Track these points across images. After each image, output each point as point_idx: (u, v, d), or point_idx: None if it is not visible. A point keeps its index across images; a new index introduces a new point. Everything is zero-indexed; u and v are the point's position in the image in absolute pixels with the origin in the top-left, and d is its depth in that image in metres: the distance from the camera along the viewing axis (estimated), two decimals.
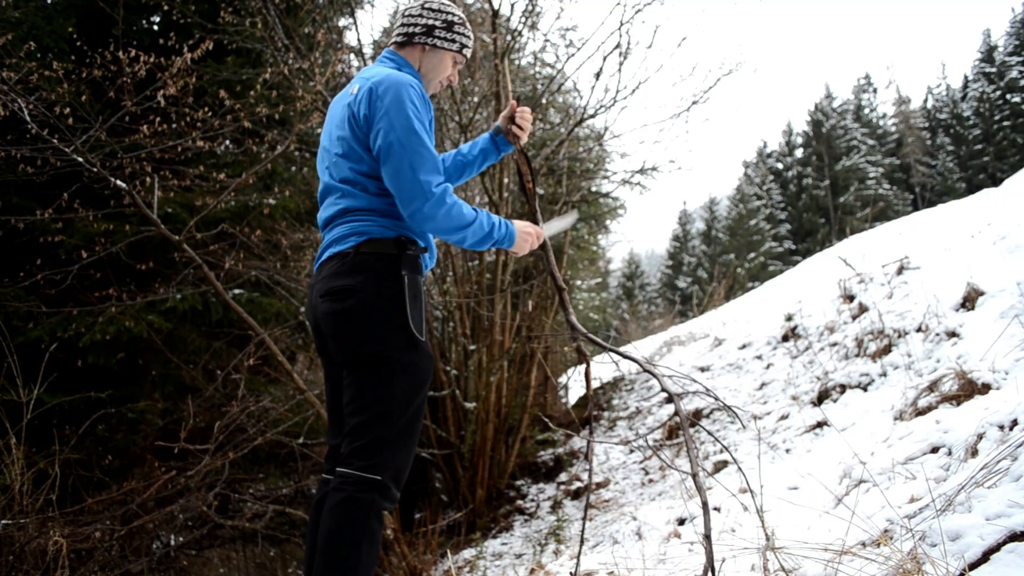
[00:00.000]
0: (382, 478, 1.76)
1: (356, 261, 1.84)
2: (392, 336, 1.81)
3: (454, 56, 2.07)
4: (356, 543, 1.71)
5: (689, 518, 3.53)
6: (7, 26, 5.09)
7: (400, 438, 1.81)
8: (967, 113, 38.46)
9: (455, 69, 2.10)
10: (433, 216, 1.80)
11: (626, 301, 34.19)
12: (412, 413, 1.84)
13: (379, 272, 1.83)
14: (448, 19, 2.03)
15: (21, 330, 5.06)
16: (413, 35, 2.02)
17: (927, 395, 3.50)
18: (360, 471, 1.75)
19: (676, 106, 10.02)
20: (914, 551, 1.69)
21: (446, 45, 2.03)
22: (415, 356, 1.83)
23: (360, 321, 1.80)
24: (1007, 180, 9.99)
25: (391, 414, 1.80)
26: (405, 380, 1.82)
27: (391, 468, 1.78)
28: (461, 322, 7.13)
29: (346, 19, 7.63)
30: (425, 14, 2.02)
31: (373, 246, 1.85)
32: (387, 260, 1.84)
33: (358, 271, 1.83)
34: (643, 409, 8.00)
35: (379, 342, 1.80)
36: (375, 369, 1.81)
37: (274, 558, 7.09)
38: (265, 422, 5.40)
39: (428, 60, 2.04)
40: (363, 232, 1.86)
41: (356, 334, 1.81)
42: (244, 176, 5.16)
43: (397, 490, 1.81)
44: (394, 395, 1.80)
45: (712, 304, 17.07)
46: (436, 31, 2.01)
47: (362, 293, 1.81)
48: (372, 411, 1.79)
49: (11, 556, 3.09)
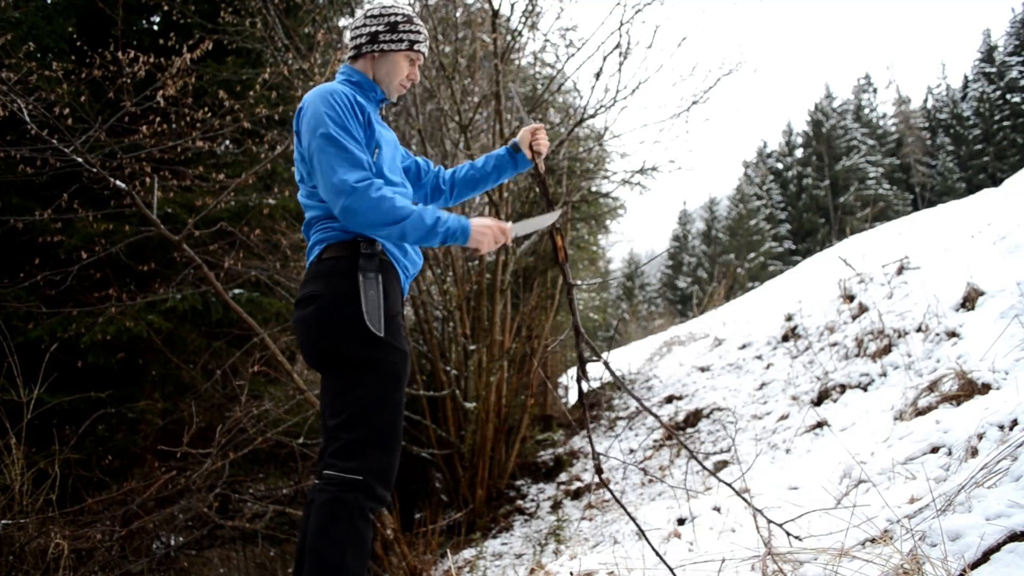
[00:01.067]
0: (364, 478, 1.76)
1: (318, 268, 1.91)
2: (350, 335, 1.82)
3: (406, 55, 2.07)
4: (341, 544, 1.72)
5: (689, 518, 3.53)
6: (7, 26, 5.09)
7: (380, 437, 1.81)
8: (967, 113, 38.46)
9: (414, 68, 2.11)
10: (356, 210, 1.79)
11: (626, 301, 34.19)
12: (390, 411, 1.84)
13: (337, 275, 1.87)
14: (391, 21, 2.04)
15: (21, 330, 5.06)
16: (360, 47, 2.06)
17: (927, 395, 3.50)
18: (342, 472, 1.77)
19: (676, 106, 10.04)
20: (914, 551, 1.68)
21: (393, 47, 2.04)
22: (379, 353, 1.84)
23: (320, 325, 1.85)
24: (1007, 180, 9.99)
25: (366, 413, 1.81)
26: (373, 378, 1.83)
27: (373, 468, 1.78)
28: (461, 322, 7.13)
29: (346, 19, 7.64)
30: (368, 23, 2.06)
31: (332, 251, 1.91)
32: (344, 262, 1.88)
33: (319, 277, 1.89)
34: (643, 409, 8.00)
35: (338, 342, 1.83)
36: (342, 370, 1.84)
37: (274, 558, 7.09)
38: (265, 422, 5.39)
39: (379, 66, 2.06)
40: (324, 240, 1.93)
41: (317, 338, 1.86)
42: (244, 176, 5.15)
43: (384, 489, 1.81)
44: (365, 394, 1.82)
45: (712, 304, 17.07)
46: (380, 36, 2.04)
47: (321, 298, 1.86)
48: (347, 412, 1.81)
49: (11, 556, 3.09)
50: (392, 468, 1.84)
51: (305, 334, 1.89)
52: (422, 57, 2.12)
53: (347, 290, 1.84)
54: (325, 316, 1.84)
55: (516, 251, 7.40)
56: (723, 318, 11.77)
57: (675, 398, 7.70)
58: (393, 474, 1.85)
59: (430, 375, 7.56)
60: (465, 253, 7.59)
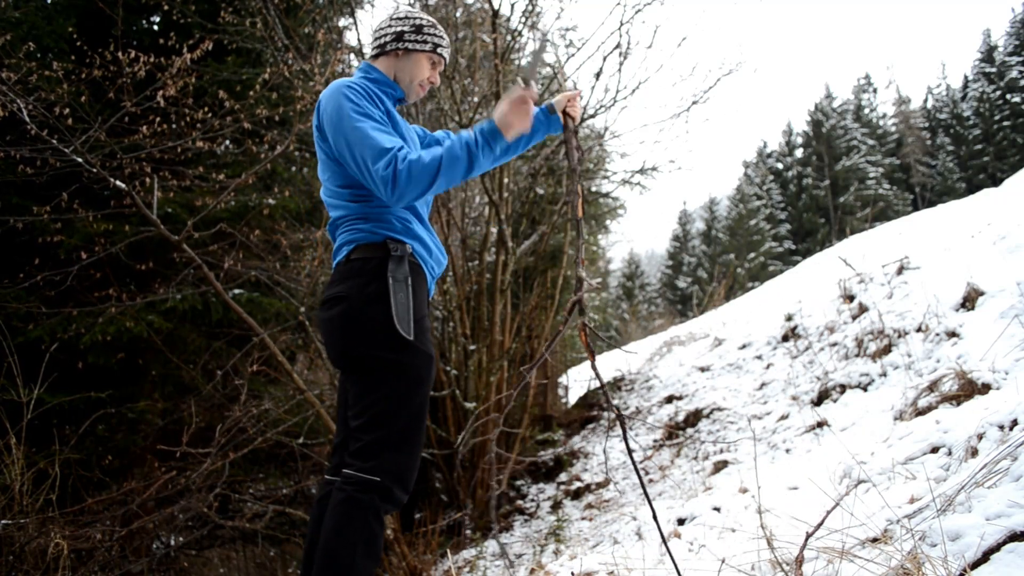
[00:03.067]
0: (382, 479, 1.77)
1: (346, 269, 1.90)
2: (378, 338, 1.82)
3: (429, 56, 2.08)
4: (353, 543, 1.72)
5: (689, 518, 3.53)
6: (7, 26, 5.09)
7: (400, 440, 1.81)
8: (967, 113, 38.45)
9: (435, 71, 2.12)
10: (402, 192, 1.76)
11: (626, 301, 34.19)
12: (412, 414, 1.84)
13: (365, 276, 1.86)
14: (417, 23, 2.06)
15: (21, 330, 5.05)
16: (384, 44, 2.07)
17: (927, 395, 3.50)
18: (360, 472, 1.77)
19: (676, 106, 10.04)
20: (914, 551, 1.68)
21: (418, 47, 2.05)
22: (406, 356, 1.83)
23: (347, 326, 1.84)
24: (1007, 180, 9.99)
25: (388, 415, 1.81)
26: (399, 381, 1.83)
27: (392, 470, 1.79)
28: (461, 322, 7.12)
29: (346, 19, 7.64)
30: (394, 23, 2.07)
31: (360, 252, 1.90)
32: (373, 264, 1.87)
33: (347, 278, 1.88)
34: (643, 409, 8.00)
35: (366, 345, 1.83)
36: (368, 372, 1.84)
37: (274, 558, 7.09)
38: (265, 422, 5.40)
39: (402, 64, 2.07)
40: (352, 240, 1.92)
41: (344, 339, 1.85)
42: (244, 176, 5.15)
43: (402, 492, 1.81)
44: (389, 396, 1.81)
45: (712, 304, 17.06)
46: (406, 35, 2.05)
47: (348, 299, 1.85)
48: (370, 413, 1.81)
49: (11, 556, 3.09)
50: (411, 471, 1.84)
51: (331, 335, 1.88)
52: (443, 63, 2.12)
53: (376, 292, 1.83)
54: (353, 317, 1.83)
55: (516, 251, 7.39)
56: (723, 318, 11.77)
57: (675, 398, 7.70)
58: (412, 477, 1.85)
59: None
60: (465, 253, 7.59)
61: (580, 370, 12.22)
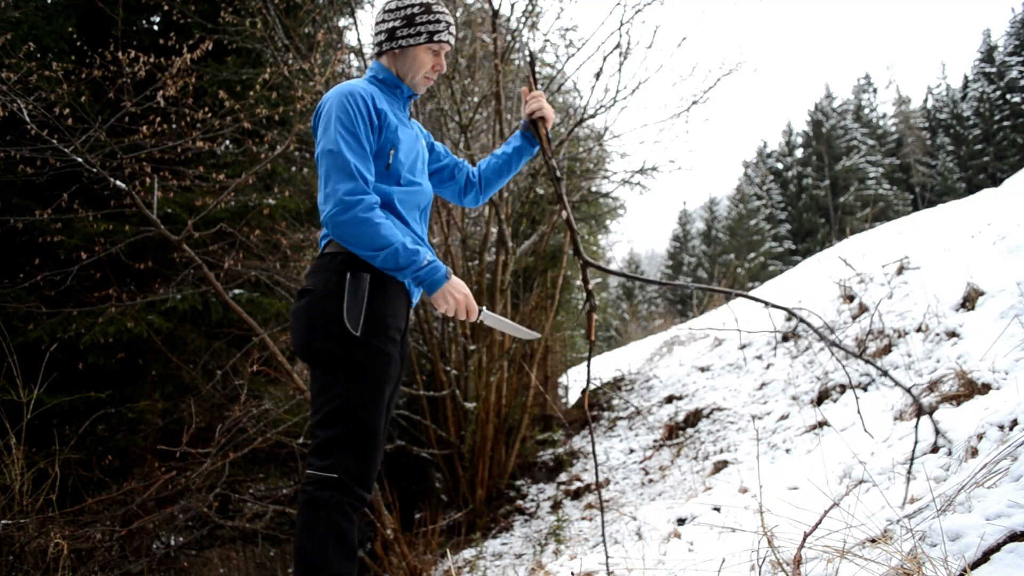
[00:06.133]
0: (338, 476, 1.76)
1: (318, 263, 1.95)
2: (329, 331, 1.83)
3: (427, 47, 2.02)
4: (322, 541, 1.72)
5: (689, 518, 3.53)
6: (7, 26, 5.09)
7: (356, 436, 1.80)
8: (967, 113, 38.44)
9: (439, 58, 2.05)
10: (337, 222, 1.79)
11: (626, 301, 34.18)
12: (366, 412, 1.82)
13: (329, 271, 1.89)
14: (407, 14, 1.99)
15: (21, 330, 5.05)
16: (381, 44, 2.04)
17: (927, 395, 3.49)
18: (318, 471, 1.77)
19: (676, 106, 10.04)
20: (914, 551, 1.68)
21: (411, 41, 2.00)
22: (359, 353, 1.83)
23: (306, 318, 1.88)
24: (1007, 180, 10.00)
25: (341, 413, 1.80)
26: (349, 376, 1.83)
27: (348, 467, 1.78)
28: (461, 322, 7.12)
29: (346, 19, 7.64)
30: (386, 18, 2.02)
31: (331, 247, 1.94)
32: (339, 259, 1.90)
33: (316, 272, 1.93)
34: (643, 409, 8.00)
35: (323, 338, 1.84)
36: (321, 365, 1.86)
37: (274, 558, 7.09)
38: (265, 422, 5.39)
39: (401, 62, 2.04)
40: (327, 235, 1.96)
41: (305, 331, 1.88)
42: (244, 176, 5.15)
43: (362, 489, 1.80)
44: (341, 394, 1.82)
45: (712, 304, 17.05)
46: (397, 32, 2.00)
47: (313, 293, 1.89)
48: (324, 410, 1.82)
49: (11, 556, 3.09)
50: (369, 469, 1.82)
51: (295, 328, 1.93)
52: (447, 45, 2.05)
53: (335, 287, 1.86)
54: (314, 310, 1.86)
55: (516, 251, 7.39)
56: (723, 318, 11.76)
57: (675, 398, 7.70)
58: (371, 476, 1.83)
59: (430, 375, 7.56)
60: (465, 253, 7.59)
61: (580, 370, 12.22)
